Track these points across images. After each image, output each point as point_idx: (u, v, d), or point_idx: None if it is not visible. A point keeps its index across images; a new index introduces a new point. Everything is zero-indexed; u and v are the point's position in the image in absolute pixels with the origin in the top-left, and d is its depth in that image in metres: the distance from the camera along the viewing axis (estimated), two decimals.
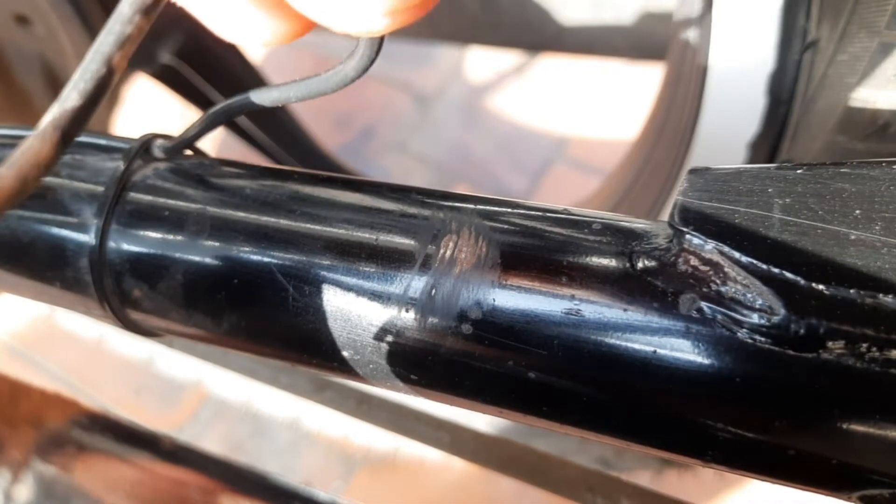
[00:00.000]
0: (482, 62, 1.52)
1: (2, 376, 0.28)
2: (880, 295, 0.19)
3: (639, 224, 0.25)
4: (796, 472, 0.22)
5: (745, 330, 0.21)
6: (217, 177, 0.31)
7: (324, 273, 0.27)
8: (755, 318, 0.21)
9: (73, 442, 0.28)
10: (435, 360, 0.26)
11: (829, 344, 0.20)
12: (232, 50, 0.96)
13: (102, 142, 0.32)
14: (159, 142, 0.32)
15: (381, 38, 0.25)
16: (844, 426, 0.20)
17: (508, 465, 0.56)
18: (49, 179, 0.31)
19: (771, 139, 0.52)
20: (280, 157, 1.06)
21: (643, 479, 0.90)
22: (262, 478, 0.31)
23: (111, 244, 0.30)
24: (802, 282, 0.20)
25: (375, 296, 0.26)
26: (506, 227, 0.26)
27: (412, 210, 0.27)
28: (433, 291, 0.25)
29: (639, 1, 1.02)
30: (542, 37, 0.96)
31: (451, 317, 0.25)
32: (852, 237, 0.20)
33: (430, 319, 0.25)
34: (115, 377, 1.11)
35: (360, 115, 1.52)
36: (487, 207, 0.27)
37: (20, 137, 0.34)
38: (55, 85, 0.84)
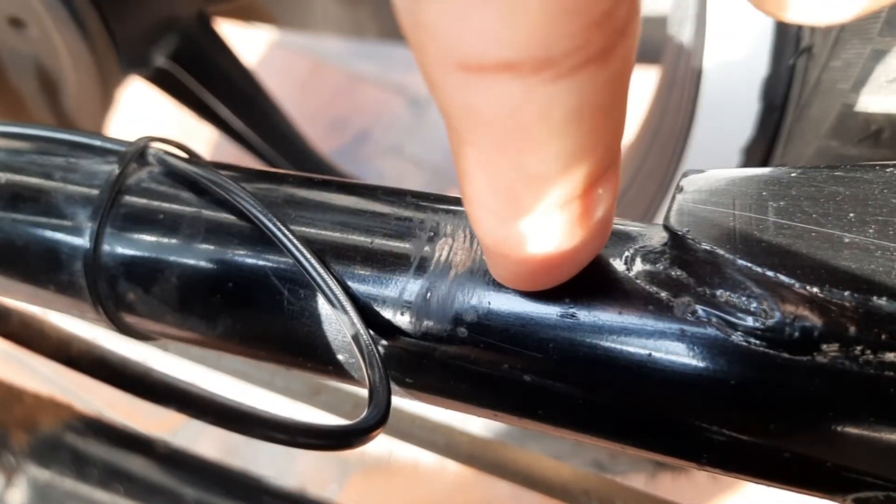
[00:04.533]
0: None
1: None
2: (874, 297, 0.19)
3: (634, 227, 0.26)
4: (791, 475, 0.22)
5: (739, 333, 0.21)
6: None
7: None
8: (750, 321, 0.21)
9: (67, 446, 0.28)
10: (430, 363, 0.26)
11: (824, 347, 0.20)
12: (227, 53, 0.96)
13: (98, 143, 0.32)
14: (155, 146, 0.32)
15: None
16: (839, 429, 0.20)
17: (503, 469, 0.56)
18: (43, 182, 0.31)
19: (764, 144, 0.52)
20: (275, 160, 1.06)
21: (638, 482, 0.90)
22: (257, 482, 0.31)
23: (106, 247, 0.30)
24: (797, 284, 0.20)
25: (371, 299, 0.26)
26: None
27: (407, 213, 0.27)
28: (428, 295, 0.25)
29: None
30: None
31: (446, 320, 0.25)
32: (846, 240, 0.20)
33: (425, 323, 0.25)
34: None
35: (354, 118, 1.52)
36: None
37: (15, 134, 0.34)
38: (49, 88, 0.84)
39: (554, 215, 0.19)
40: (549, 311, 0.23)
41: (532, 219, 0.19)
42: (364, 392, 0.26)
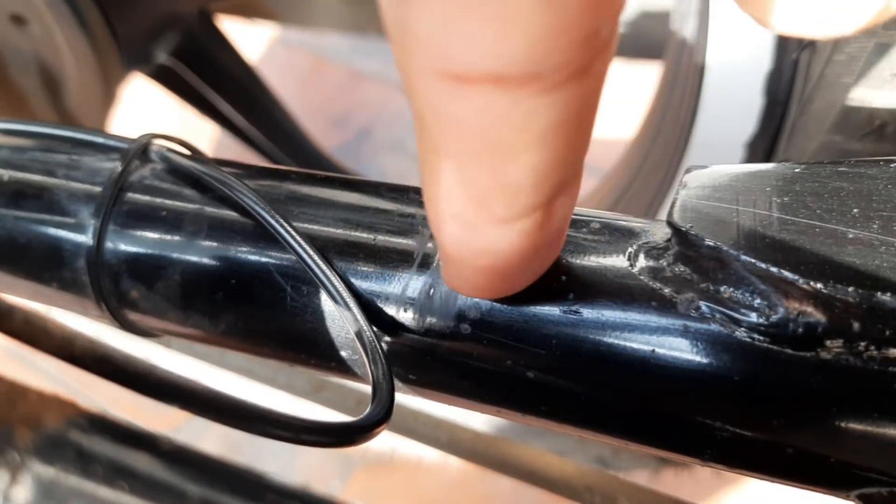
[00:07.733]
0: None
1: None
2: (878, 293, 0.19)
3: (637, 223, 0.25)
4: (794, 471, 0.22)
5: (743, 329, 0.21)
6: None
7: None
8: (753, 317, 0.21)
9: (71, 443, 0.28)
10: (433, 359, 0.26)
11: (828, 342, 0.20)
12: (229, 50, 0.96)
13: (100, 140, 0.32)
14: (157, 142, 0.32)
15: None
16: (842, 425, 0.20)
17: (506, 465, 0.56)
18: (46, 179, 0.31)
19: (768, 139, 0.52)
20: (277, 157, 1.06)
21: (641, 478, 0.90)
22: (261, 478, 0.32)
23: (108, 245, 0.30)
24: (801, 280, 0.20)
25: (373, 296, 0.26)
26: None
27: (410, 209, 0.27)
28: (431, 291, 0.25)
29: (635, 0, 1.02)
30: None
31: (449, 316, 0.25)
32: (850, 236, 0.20)
33: (428, 319, 0.25)
34: None
35: (356, 115, 1.52)
36: None
37: (17, 132, 0.34)
38: (51, 85, 0.84)
39: (520, 222, 0.19)
40: (552, 308, 0.23)
41: (498, 226, 0.19)
42: (367, 389, 0.26)
